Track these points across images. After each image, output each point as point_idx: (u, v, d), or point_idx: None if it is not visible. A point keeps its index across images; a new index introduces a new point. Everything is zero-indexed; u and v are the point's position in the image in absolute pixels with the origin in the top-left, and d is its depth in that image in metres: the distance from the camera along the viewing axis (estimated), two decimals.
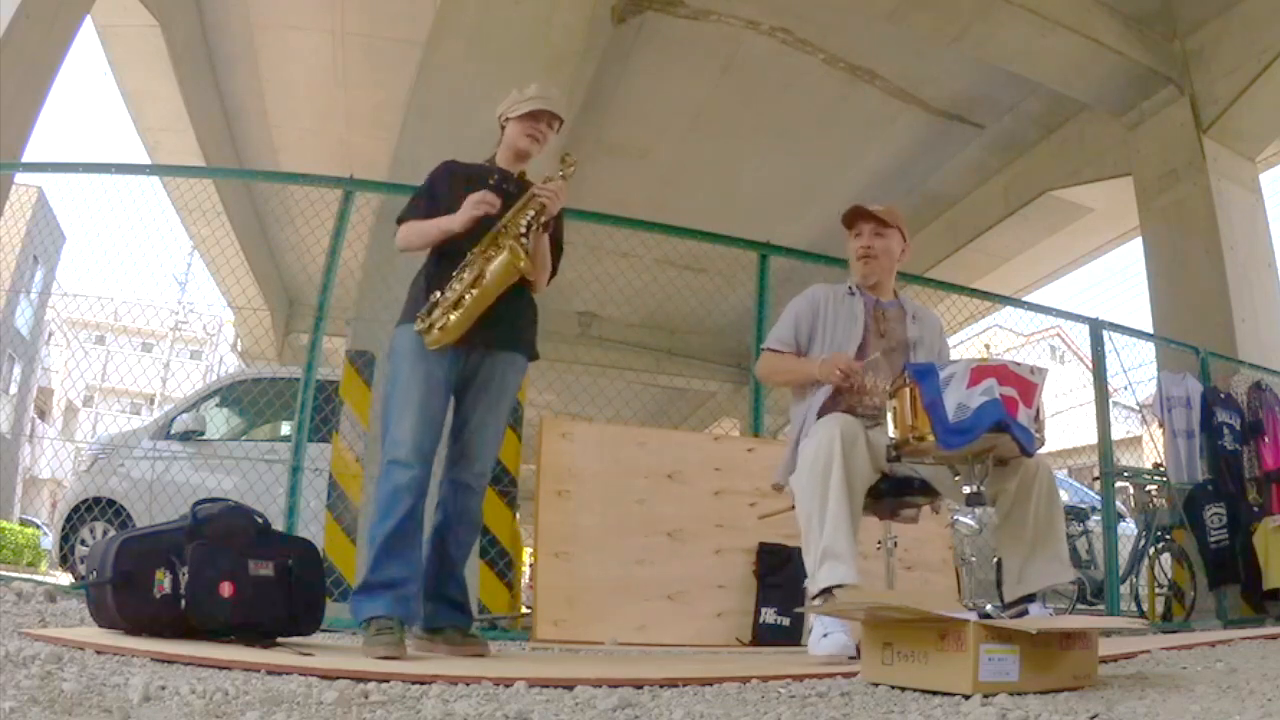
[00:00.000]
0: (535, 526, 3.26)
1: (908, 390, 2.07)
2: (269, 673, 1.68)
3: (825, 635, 2.30)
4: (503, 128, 2.64)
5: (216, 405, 5.81)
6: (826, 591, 2.19)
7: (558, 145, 2.98)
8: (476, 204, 2.41)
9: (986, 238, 9.28)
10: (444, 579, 2.49)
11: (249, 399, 5.64)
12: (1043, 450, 2.15)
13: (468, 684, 1.66)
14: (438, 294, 2.41)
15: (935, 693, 1.59)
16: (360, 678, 1.65)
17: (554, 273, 2.69)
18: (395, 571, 2.29)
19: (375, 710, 1.37)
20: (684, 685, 1.75)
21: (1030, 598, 2.23)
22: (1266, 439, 5.63)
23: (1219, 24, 6.46)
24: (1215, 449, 5.52)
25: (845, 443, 2.25)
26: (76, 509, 5.35)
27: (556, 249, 2.67)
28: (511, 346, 2.56)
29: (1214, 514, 5.30)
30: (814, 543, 2.26)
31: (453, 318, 2.38)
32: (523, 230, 2.45)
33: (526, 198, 2.49)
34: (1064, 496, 7.24)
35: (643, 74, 7.64)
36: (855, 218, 2.74)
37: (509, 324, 2.53)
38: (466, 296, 2.39)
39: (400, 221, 2.60)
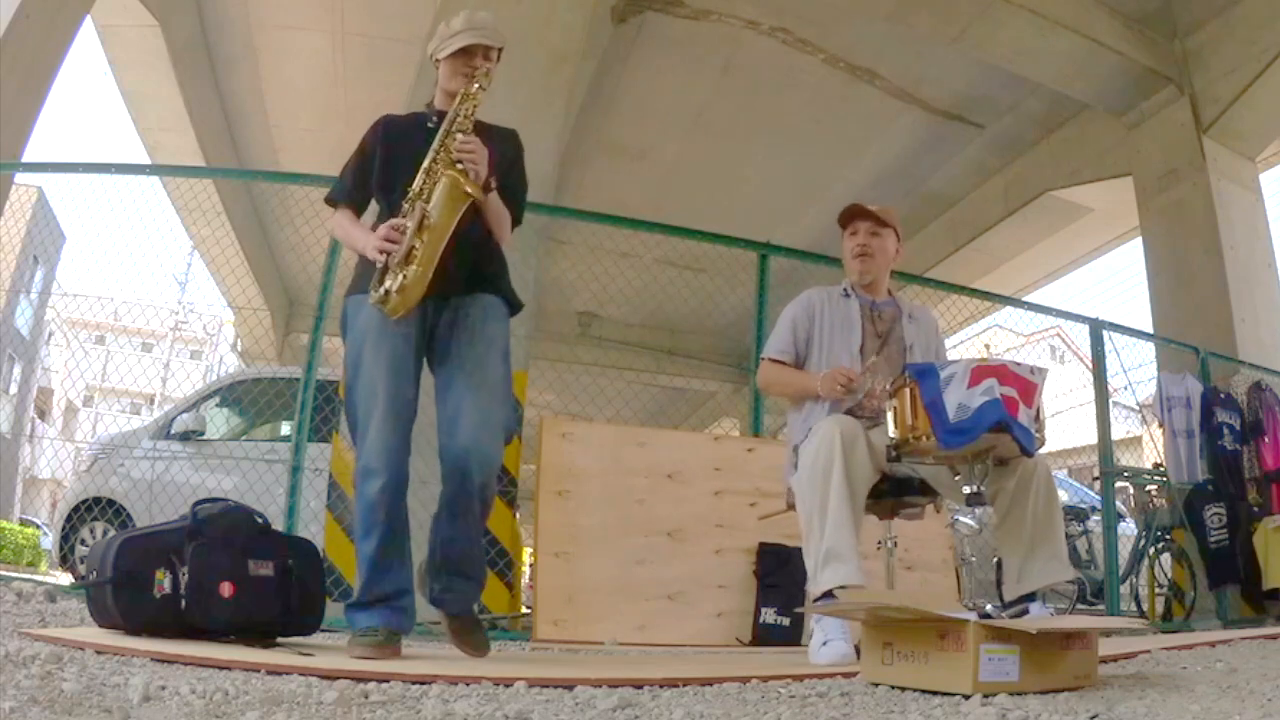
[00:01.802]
0: (535, 526, 3.26)
1: (908, 390, 2.07)
2: (269, 673, 1.68)
3: (825, 643, 2.27)
4: (437, 68, 2.36)
5: (216, 405, 5.81)
6: (829, 594, 2.17)
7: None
8: (380, 243, 2.15)
9: (986, 238, 9.27)
10: (452, 548, 2.26)
11: (249, 399, 5.65)
12: (1043, 450, 2.16)
13: (468, 684, 1.66)
14: (385, 256, 2.14)
15: (935, 693, 1.59)
16: (360, 678, 1.65)
17: (517, 220, 2.41)
18: (387, 587, 2.20)
19: (375, 710, 1.37)
20: (684, 685, 1.75)
21: (1030, 597, 2.22)
22: (1266, 439, 5.63)
23: (1219, 24, 6.46)
24: (1215, 449, 5.52)
25: (845, 443, 2.25)
26: (76, 509, 5.36)
27: (516, 192, 2.40)
28: (483, 289, 2.29)
29: (1214, 514, 5.30)
30: (815, 544, 2.25)
31: (409, 273, 2.10)
32: (457, 156, 2.14)
33: (448, 123, 2.21)
34: (1064, 496, 7.28)
35: (643, 74, 7.64)
36: (851, 216, 2.75)
37: (477, 267, 2.27)
38: (417, 245, 2.11)
39: (329, 201, 2.39)
